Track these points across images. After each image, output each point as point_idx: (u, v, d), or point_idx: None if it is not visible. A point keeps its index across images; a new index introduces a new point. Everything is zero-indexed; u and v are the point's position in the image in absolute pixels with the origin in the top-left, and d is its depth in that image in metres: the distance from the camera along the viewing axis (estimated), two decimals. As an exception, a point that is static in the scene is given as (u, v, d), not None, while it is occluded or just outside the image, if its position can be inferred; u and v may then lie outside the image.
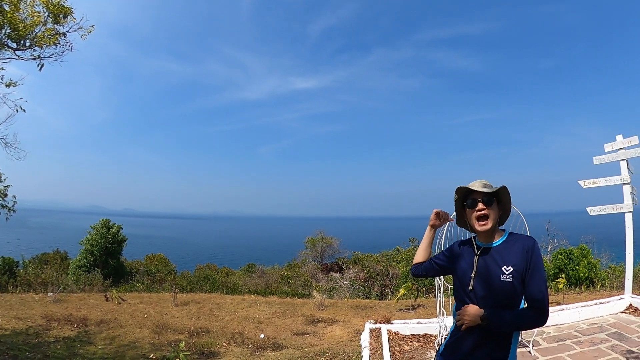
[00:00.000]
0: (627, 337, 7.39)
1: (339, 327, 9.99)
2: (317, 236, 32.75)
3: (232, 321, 10.74)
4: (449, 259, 2.96)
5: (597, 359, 6.44)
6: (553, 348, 7.07)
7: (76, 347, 8.27)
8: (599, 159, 9.83)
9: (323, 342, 8.87)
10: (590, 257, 17.21)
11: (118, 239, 23.28)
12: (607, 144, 9.68)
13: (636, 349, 6.74)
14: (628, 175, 9.31)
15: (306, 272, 25.17)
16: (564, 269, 16.36)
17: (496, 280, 2.55)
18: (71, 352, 7.89)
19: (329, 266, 27.64)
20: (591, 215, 9.78)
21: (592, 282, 15.93)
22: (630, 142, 9.20)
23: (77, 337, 8.95)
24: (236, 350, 8.55)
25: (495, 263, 2.59)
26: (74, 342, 8.55)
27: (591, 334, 7.71)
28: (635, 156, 9.23)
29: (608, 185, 9.61)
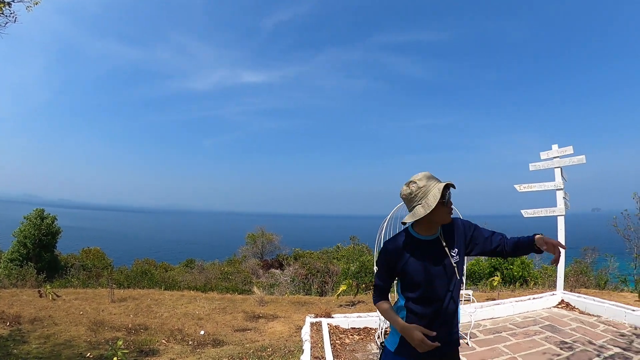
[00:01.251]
0: (559, 329, 7.87)
1: (280, 323, 10.01)
2: (258, 232, 32.53)
3: (172, 318, 10.54)
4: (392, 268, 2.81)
5: (531, 349, 6.79)
6: (490, 340, 7.37)
7: (9, 346, 7.83)
8: (534, 165, 10.52)
9: (264, 337, 8.87)
10: (524, 257, 17.93)
11: (52, 230, 22.15)
12: (543, 152, 10.41)
13: (569, 340, 7.18)
14: (562, 182, 10.04)
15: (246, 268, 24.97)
16: (498, 268, 16.99)
17: (449, 265, 2.72)
18: (4, 352, 7.49)
19: (270, 262, 27.53)
20: (525, 218, 10.27)
21: (526, 281, 16.61)
22: (565, 151, 9.98)
23: (10, 336, 8.51)
24: (176, 347, 8.42)
25: (444, 250, 2.74)
26: (7, 342, 8.12)
27: (526, 327, 8.13)
28: (569, 164, 9.98)
29: (542, 190, 10.26)
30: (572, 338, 7.31)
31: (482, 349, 6.85)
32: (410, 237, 2.79)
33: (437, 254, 2.74)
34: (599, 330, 7.80)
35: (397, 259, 2.76)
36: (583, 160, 9.84)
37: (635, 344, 6.90)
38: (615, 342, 7.00)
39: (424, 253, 2.73)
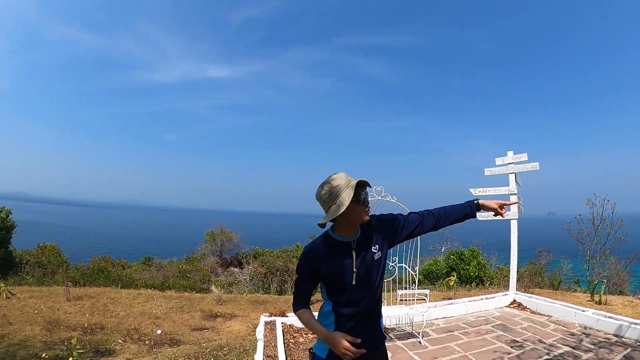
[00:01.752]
0: (511, 329, 8.04)
1: (238, 321, 9.88)
2: (217, 229, 31.96)
3: (128, 317, 10.26)
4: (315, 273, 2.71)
5: (483, 347, 6.90)
6: (442, 338, 7.44)
7: (-39, 348, 7.60)
8: (490, 170, 10.75)
9: (221, 337, 8.72)
10: (480, 258, 18.26)
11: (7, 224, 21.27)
12: (499, 158, 10.65)
13: (519, 339, 7.33)
14: (515, 187, 10.27)
15: (205, 266, 24.59)
16: (455, 268, 17.21)
17: (374, 263, 2.71)
18: (-44, 354, 7.25)
19: (229, 261, 27.15)
20: (479, 220, 10.41)
21: (482, 281, 16.90)
22: (519, 158, 10.23)
23: (-37, 337, 8.23)
24: (132, 347, 8.19)
25: (367, 249, 2.71)
26: (-41, 343, 7.86)
27: (478, 326, 8.26)
28: (523, 171, 10.24)
29: (497, 195, 10.42)
30: (522, 337, 7.47)
31: (434, 348, 6.91)
32: (331, 239, 2.71)
33: (360, 254, 2.69)
34: (549, 329, 7.99)
35: (319, 264, 2.67)
36: (537, 167, 10.12)
37: (584, 343, 7.08)
38: (565, 341, 7.18)
39: (347, 255, 2.68)
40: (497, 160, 10.65)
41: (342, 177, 2.61)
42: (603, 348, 6.81)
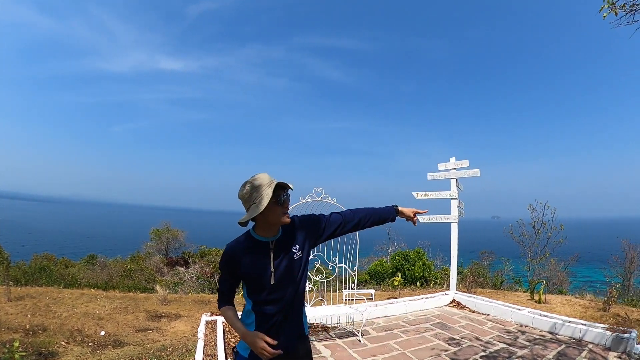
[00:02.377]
0: (449, 327, 8.19)
1: (183, 322, 9.66)
2: (163, 227, 31.19)
3: (71, 317, 9.86)
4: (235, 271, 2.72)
5: (421, 345, 6.98)
6: (382, 337, 7.47)
7: None
8: (432, 175, 11.01)
9: (166, 337, 8.49)
10: (425, 259, 18.55)
11: None
12: (441, 164, 10.95)
13: (457, 336, 7.48)
14: (456, 192, 10.57)
15: (150, 265, 24.02)
16: (400, 269, 17.39)
17: (294, 263, 2.73)
18: None
19: (175, 260, 26.65)
20: (422, 223, 10.58)
21: (427, 281, 17.16)
22: (461, 164, 10.56)
23: None
24: (76, 349, 7.85)
25: (288, 249, 2.73)
26: None
27: (417, 324, 8.35)
28: (465, 176, 10.57)
29: (438, 199, 10.74)
30: (460, 334, 7.61)
31: (374, 346, 6.94)
32: (252, 239, 2.72)
33: (279, 254, 2.70)
34: (486, 327, 8.19)
35: (238, 262, 2.67)
36: (477, 173, 10.48)
37: (519, 340, 7.29)
38: (501, 339, 7.37)
39: (265, 254, 2.68)
40: (439, 166, 10.93)
41: (263, 178, 2.62)
42: (538, 345, 7.02)
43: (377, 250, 28.69)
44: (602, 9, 4.90)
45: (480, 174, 10.46)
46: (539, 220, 17.10)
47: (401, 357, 6.42)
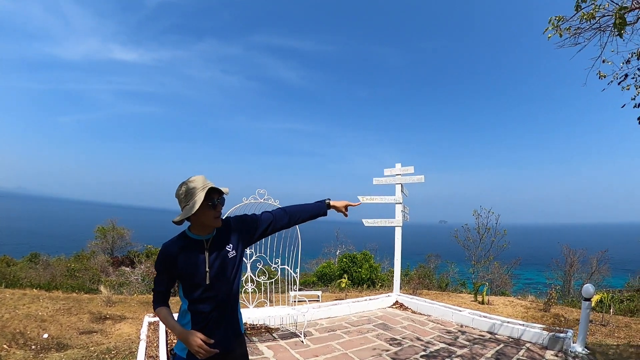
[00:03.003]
0: (391, 327, 8.24)
1: (127, 324, 9.41)
2: (109, 225, 30.24)
3: (13, 320, 9.41)
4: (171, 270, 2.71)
5: (363, 345, 6.99)
6: (324, 337, 7.44)
7: None
8: (378, 180, 11.11)
9: (110, 340, 8.23)
10: (372, 261, 18.70)
11: None
12: (387, 169, 11.05)
13: (398, 337, 7.54)
14: (401, 197, 10.68)
15: (95, 265, 23.35)
16: (348, 271, 17.44)
17: (228, 262, 2.77)
18: None
19: (120, 259, 25.97)
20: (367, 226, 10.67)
21: (374, 283, 17.29)
22: (407, 170, 10.70)
23: None
24: (18, 352, 7.49)
25: (222, 248, 2.76)
26: None
27: (360, 325, 8.36)
28: (409, 182, 10.74)
29: (383, 203, 10.82)
30: (402, 335, 7.67)
31: (316, 346, 6.90)
32: (187, 238, 2.74)
33: (213, 253, 2.73)
34: (427, 328, 8.29)
35: (174, 261, 2.68)
36: (422, 179, 10.64)
37: (459, 340, 7.41)
38: (441, 339, 7.47)
39: (200, 253, 2.70)
40: (385, 171, 11.04)
41: (198, 180, 2.66)
42: (477, 344, 7.15)
43: (325, 252, 28.81)
44: (547, 30, 5.08)
45: (424, 180, 10.63)
46: (483, 225, 17.66)
47: (343, 357, 6.40)
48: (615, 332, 8.45)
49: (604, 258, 23.47)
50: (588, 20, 4.87)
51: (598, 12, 4.79)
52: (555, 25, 5.06)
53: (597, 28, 5.11)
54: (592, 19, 4.87)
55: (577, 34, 5.19)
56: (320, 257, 27.59)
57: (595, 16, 4.82)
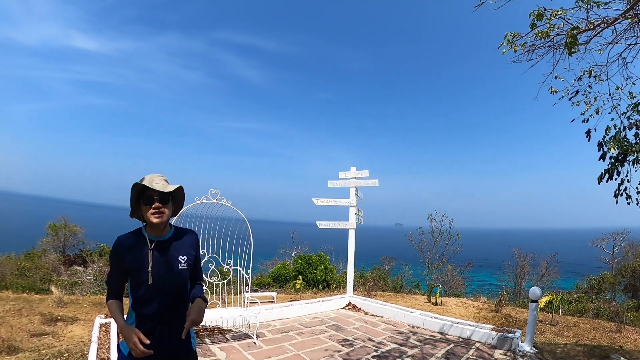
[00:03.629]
0: (344, 328, 8.33)
1: (80, 325, 9.13)
2: (61, 222, 29.09)
3: None
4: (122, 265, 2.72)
5: (315, 346, 7.05)
6: (277, 338, 7.45)
7: None
8: (332, 183, 11.19)
9: (62, 342, 7.97)
10: (328, 263, 18.77)
11: None
12: (342, 173, 11.13)
13: (351, 337, 7.63)
14: (355, 200, 10.80)
15: (46, 263, 22.62)
16: (303, 272, 17.46)
17: (175, 270, 2.77)
18: None
19: (72, 258, 25.18)
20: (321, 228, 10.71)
21: (329, 284, 17.36)
22: (361, 174, 10.81)
23: None
24: None
25: (172, 254, 2.78)
26: None
27: (313, 326, 8.42)
28: (364, 186, 10.84)
29: (338, 206, 10.93)
30: (354, 336, 7.76)
31: (269, 347, 6.91)
32: (139, 235, 2.77)
33: (162, 255, 2.75)
34: (379, 328, 8.42)
35: (123, 256, 2.70)
36: (376, 183, 10.78)
37: (411, 340, 7.56)
38: (393, 339, 7.60)
39: (147, 253, 2.72)
40: (340, 174, 11.12)
41: (147, 179, 2.72)
42: (428, 344, 7.32)
43: (281, 253, 28.77)
44: (502, 45, 5.27)
45: (379, 184, 10.77)
46: (437, 229, 18.05)
47: (295, 358, 6.44)
48: (564, 332, 8.73)
49: (554, 261, 24.35)
50: (542, 38, 5.07)
51: (553, 31, 5.01)
52: (510, 41, 5.26)
53: (551, 46, 5.33)
54: (547, 37, 5.07)
55: (531, 50, 5.39)
56: (276, 258, 27.52)
57: (549, 34, 5.03)
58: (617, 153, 5.37)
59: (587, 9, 4.84)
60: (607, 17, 4.92)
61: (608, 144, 5.40)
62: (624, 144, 5.30)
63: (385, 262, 25.04)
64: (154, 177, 2.74)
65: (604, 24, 4.91)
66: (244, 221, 7.69)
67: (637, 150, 5.24)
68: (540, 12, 4.74)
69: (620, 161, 5.41)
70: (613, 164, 5.44)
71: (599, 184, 5.60)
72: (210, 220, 7.71)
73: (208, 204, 7.51)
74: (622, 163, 5.42)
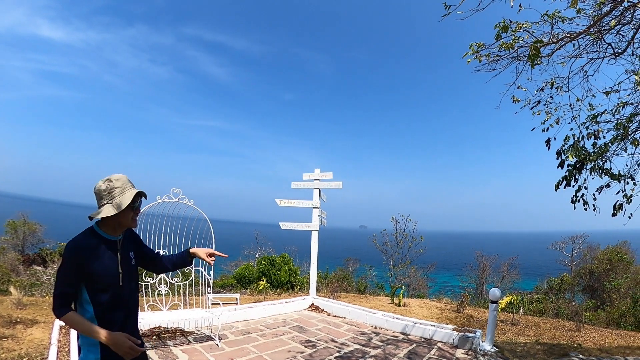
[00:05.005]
0: (306, 330, 8.38)
1: (40, 328, 8.87)
2: (20, 219, 28.21)
3: None
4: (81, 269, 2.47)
5: (278, 347, 7.06)
6: (240, 340, 7.43)
7: None
8: (296, 184, 11.19)
9: (22, 346, 7.72)
10: (292, 264, 18.81)
11: None
12: (306, 174, 11.17)
13: (313, 339, 7.69)
14: (318, 201, 10.84)
15: (4, 263, 21.97)
16: (266, 273, 17.45)
17: (132, 266, 2.77)
18: None
19: (32, 257, 24.51)
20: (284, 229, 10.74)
21: (292, 286, 17.40)
22: (325, 176, 10.90)
23: None
24: None
25: (127, 251, 2.75)
26: None
27: (275, 327, 8.45)
28: (327, 188, 10.93)
29: (301, 207, 10.98)
30: (317, 337, 7.82)
31: (231, 349, 6.89)
32: (98, 235, 2.60)
33: (122, 255, 2.69)
34: (342, 329, 8.51)
35: (86, 260, 2.47)
36: (340, 185, 10.89)
37: (373, 341, 7.68)
38: (356, 340, 7.70)
39: (112, 253, 2.63)
40: (304, 176, 11.16)
41: (124, 180, 2.64)
42: (390, 345, 7.45)
43: (245, 254, 28.64)
44: (466, 54, 5.41)
45: (342, 186, 10.87)
46: (401, 231, 18.28)
47: (258, 359, 6.43)
48: (525, 331, 8.98)
49: (514, 264, 24.92)
50: (507, 49, 5.22)
51: (517, 43, 5.17)
52: (475, 51, 5.40)
53: (514, 57, 5.50)
54: (511, 49, 5.23)
55: (495, 60, 5.54)
56: (240, 259, 27.36)
57: (514, 46, 5.19)
58: (575, 161, 5.56)
59: (552, 24, 5.00)
60: (570, 31, 5.09)
61: (566, 153, 5.59)
62: (582, 153, 5.49)
63: (349, 264, 25.22)
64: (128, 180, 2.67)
65: (567, 38, 5.07)
66: (206, 221, 7.66)
67: (594, 158, 5.43)
68: (506, 24, 4.89)
69: (578, 169, 5.60)
70: (571, 172, 5.66)
71: (556, 190, 5.80)
72: (172, 219, 7.64)
73: (170, 203, 7.45)
74: (579, 171, 5.61)
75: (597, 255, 22.63)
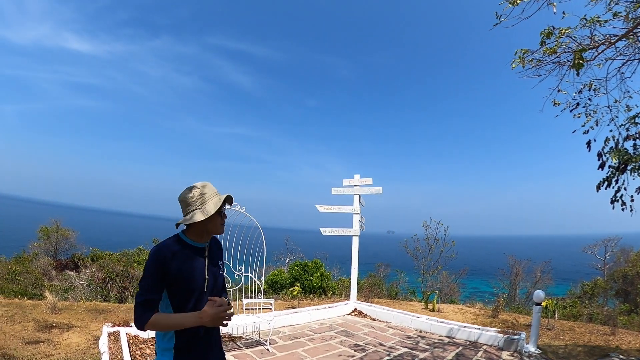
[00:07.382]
0: (353, 334, 8.51)
1: (76, 333, 9.01)
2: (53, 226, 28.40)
3: None
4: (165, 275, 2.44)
5: (328, 352, 7.19)
6: (289, 345, 7.56)
7: None
8: (336, 190, 11.32)
9: (59, 351, 7.80)
10: (323, 269, 18.90)
11: None
12: (346, 180, 11.29)
13: (362, 343, 7.81)
14: (359, 207, 10.97)
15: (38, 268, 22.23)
16: (299, 279, 17.57)
17: (219, 275, 2.70)
18: None
19: (64, 263, 24.72)
20: (324, 235, 10.85)
21: (325, 291, 17.47)
22: (365, 181, 10.98)
23: None
24: None
25: (215, 260, 2.71)
26: None
27: (322, 332, 8.58)
28: (367, 193, 11.00)
29: (341, 213, 11.06)
30: (364, 341, 7.95)
31: (282, 354, 7.00)
32: (183, 242, 2.58)
33: (211, 262, 2.67)
34: (388, 334, 8.63)
35: (169, 265, 2.45)
36: (380, 191, 10.96)
37: (420, 344, 7.79)
38: (403, 343, 7.82)
39: (199, 260, 2.60)
40: (344, 182, 11.27)
41: (211, 187, 2.66)
42: (438, 348, 7.58)
43: (275, 260, 28.72)
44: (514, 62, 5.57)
45: (382, 191, 10.94)
46: (432, 236, 18.28)
47: (310, 364, 6.55)
48: (560, 335, 9.00)
49: (547, 268, 24.57)
50: (550, 54, 5.38)
51: (560, 48, 5.32)
52: (521, 57, 5.56)
53: (557, 62, 5.63)
54: (554, 54, 5.37)
55: (539, 66, 5.69)
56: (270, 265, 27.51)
57: (557, 51, 5.33)
58: (618, 163, 5.64)
59: (591, 28, 5.13)
60: (608, 35, 5.22)
61: (608, 154, 5.68)
62: (624, 155, 5.57)
63: (380, 269, 25.22)
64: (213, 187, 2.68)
65: (607, 43, 5.20)
66: (256, 227, 7.77)
67: (635, 160, 5.51)
68: (550, 31, 5.04)
69: (621, 170, 5.69)
70: (613, 173, 5.74)
71: (598, 191, 5.89)
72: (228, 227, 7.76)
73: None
74: (622, 172, 5.70)
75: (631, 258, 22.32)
